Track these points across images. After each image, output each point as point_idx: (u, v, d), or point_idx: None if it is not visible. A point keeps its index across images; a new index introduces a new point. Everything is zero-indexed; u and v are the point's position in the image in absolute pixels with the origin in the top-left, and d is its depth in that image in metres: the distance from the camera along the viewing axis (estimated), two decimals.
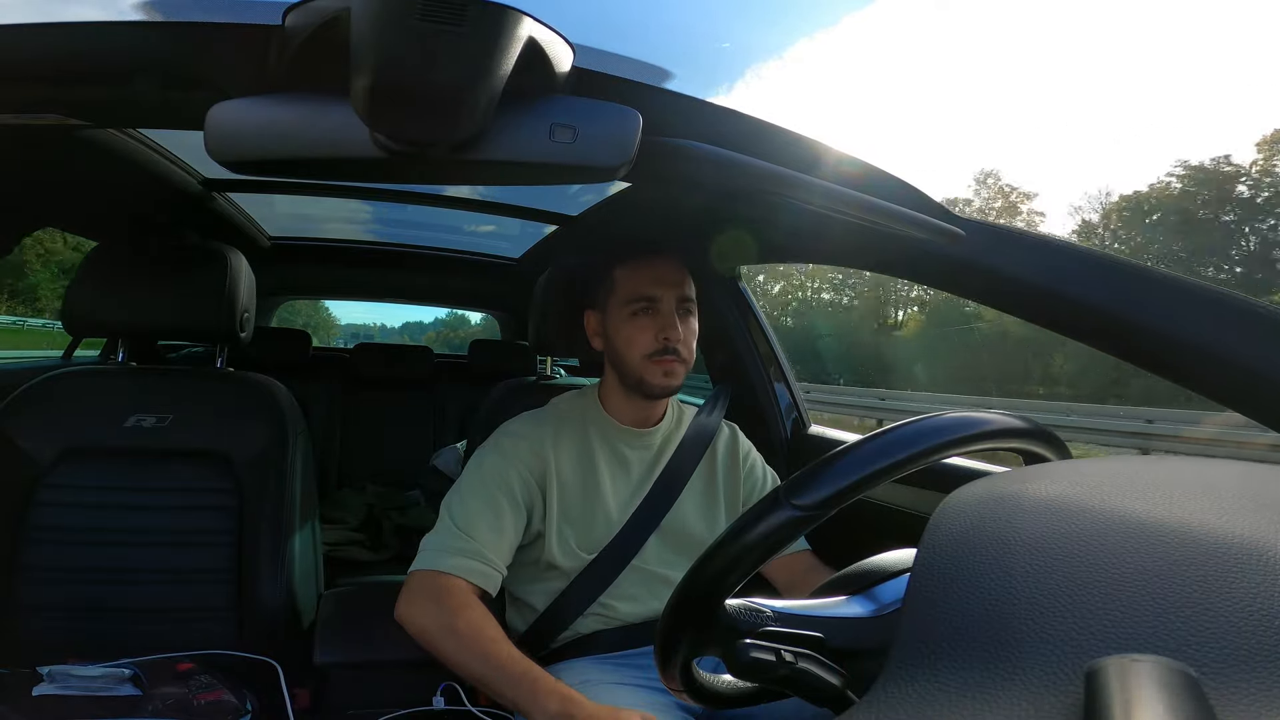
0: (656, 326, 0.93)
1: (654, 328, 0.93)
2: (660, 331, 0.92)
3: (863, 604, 0.47)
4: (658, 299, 0.93)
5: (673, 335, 0.92)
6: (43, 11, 0.59)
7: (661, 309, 0.93)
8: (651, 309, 0.93)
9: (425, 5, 0.46)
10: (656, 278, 0.94)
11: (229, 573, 1.03)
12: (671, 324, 0.92)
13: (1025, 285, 0.69)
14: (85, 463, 1.02)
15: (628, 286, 0.95)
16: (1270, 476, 0.31)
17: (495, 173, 0.65)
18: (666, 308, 0.93)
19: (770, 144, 0.69)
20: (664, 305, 0.93)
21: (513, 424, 0.98)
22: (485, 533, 0.87)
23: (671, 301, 0.94)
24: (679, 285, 0.95)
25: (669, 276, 0.95)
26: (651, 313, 0.93)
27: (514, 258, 2.18)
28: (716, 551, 0.45)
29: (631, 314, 0.94)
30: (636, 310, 0.94)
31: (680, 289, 0.95)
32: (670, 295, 0.94)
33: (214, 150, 0.56)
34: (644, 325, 0.93)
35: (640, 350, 0.93)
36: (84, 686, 0.82)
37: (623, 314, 0.95)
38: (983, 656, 0.26)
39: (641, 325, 0.93)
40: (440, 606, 0.81)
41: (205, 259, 1.08)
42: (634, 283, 0.94)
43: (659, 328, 0.92)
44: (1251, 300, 0.55)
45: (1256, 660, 0.22)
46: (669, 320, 0.93)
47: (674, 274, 0.95)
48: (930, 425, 0.45)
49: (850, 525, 0.79)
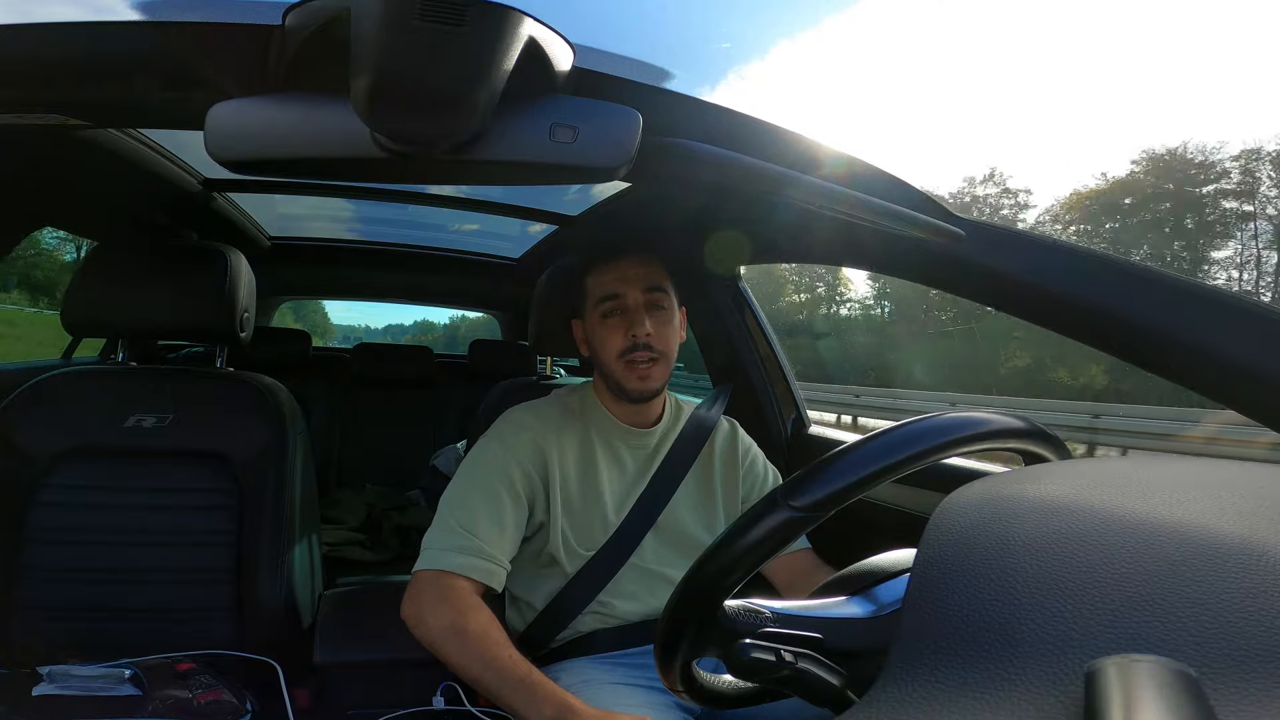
0: (625, 325, 0.93)
1: (623, 326, 0.94)
2: (628, 330, 0.93)
3: (862, 604, 0.47)
4: (622, 295, 0.94)
5: (639, 331, 0.92)
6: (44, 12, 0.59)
7: (628, 305, 0.94)
8: (619, 308, 0.94)
9: (425, 5, 0.46)
10: (620, 276, 0.95)
11: (229, 573, 1.03)
12: (639, 320, 0.93)
13: (1025, 285, 0.69)
14: (85, 463, 1.02)
15: (596, 290, 0.96)
16: (1270, 476, 0.31)
17: (495, 173, 0.65)
18: (633, 304, 0.94)
19: (770, 144, 0.69)
20: (629, 301, 0.94)
21: (514, 413, 0.98)
22: (487, 528, 0.87)
23: (638, 297, 0.94)
24: (644, 279, 0.95)
25: (632, 273, 0.95)
26: (620, 312, 0.94)
27: (514, 258, 2.18)
28: (716, 552, 0.45)
29: (602, 316, 0.95)
30: (606, 311, 0.95)
31: (645, 281, 0.95)
32: (634, 291, 0.94)
33: (214, 150, 0.56)
34: (614, 325, 0.94)
35: (613, 351, 0.94)
36: (84, 686, 0.82)
37: (595, 317, 0.96)
38: (983, 657, 0.26)
39: (612, 326, 0.94)
40: (445, 607, 0.81)
41: (205, 259, 1.08)
42: (600, 285, 0.96)
43: (627, 326, 0.93)
44: (1251, 300, 0.55)
45: (1256, 660, 0.22)
46: (636, 317, 0.93)
47: (638, 269, 0.96)
48: (929, 426, 0.45)
49: (850, 525, 0.79)
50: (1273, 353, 0.53)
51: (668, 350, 0.95)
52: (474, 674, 0.77)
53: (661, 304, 0.96)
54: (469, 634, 0.78)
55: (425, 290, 2.78)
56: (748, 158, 0.66)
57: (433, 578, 0.85)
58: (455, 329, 30.92)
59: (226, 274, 1.07)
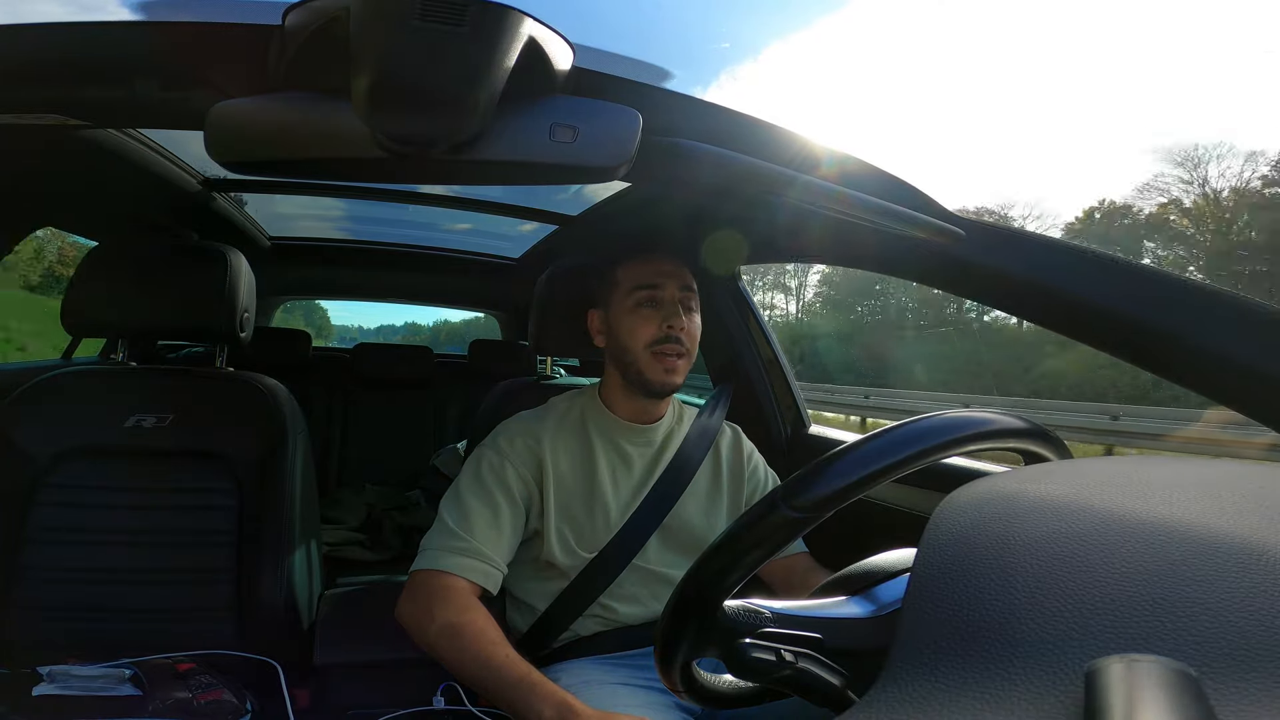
0: (660, 316, 0.94)
1: (657, 318, 0.94)
2: (664, 320, 0.94)
3: (862, 604, 0.47)
4: (660, 287, 0.95)
5: (675, 323, 0.94)
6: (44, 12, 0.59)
7: (664, 298, 0.95)
8: (654, 299, 0.95)
9: (425, 5, 0.46)
10: (658, 270, 0.96)
11: (229, 573, 1.03)
12: (675, 313, 0.94)
13: (1025, 285, 0.69)
14: (85, 463, 1.02)
15: (631, 279, 0.97)
16: (1270, 476, 0.31)
17: (495, 173, 0.65)
18: (669, 297, 0.95)
19: (770, 144, 0.69)
20: (666, 294, 0.95)
21: (510, 422, 0.99)
22: (483, 530, 0.88)
23: (674, 291, 0.96)
24: (680, 277, 0.97)
25: (670, 269, 0.97)
26: (655, 303, 0.95)
27: (514, 258, 2.18)
28: (715, 552, 0.45)
29: (635, 305, 0.96)
30: (640, 300, 0.96)
31: (682, 279, 0.97)
32: (672, 285, 0.96)
33: (214, 150, 0.56)
34: (647, 316, 0.95)
35: (644, 340, 0.94)
36: (84, 686, 0.82)
37: (626, 306, 0.96)
38: (983, 656, 0.26)
39: (645, 316, 0.95)
40: (441, 607, 0.81)
41: (205, 259, 1.08)
42: (637, 275, 0.97)
43: (662, 317, 0.94)
44: (1251, 300, 0.55)
45: (1256, 660, 0.22)
46: (672, 309, 0.95)
47: (675, 267, 0.98)
48: (929, 425, 0.45)
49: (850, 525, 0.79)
50: (1273, 353, 0.52)
51: (693, 350, 0.97)
52: (471, 674, 0.77)
53: (691, 305, 0.97)
54: (465, 634, 0.78)
55: (425, 290, 2.78)
56: (748, 157, 0.66)
57: (429, 578, 0.85)
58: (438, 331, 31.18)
59: (226, 274, 1.07)
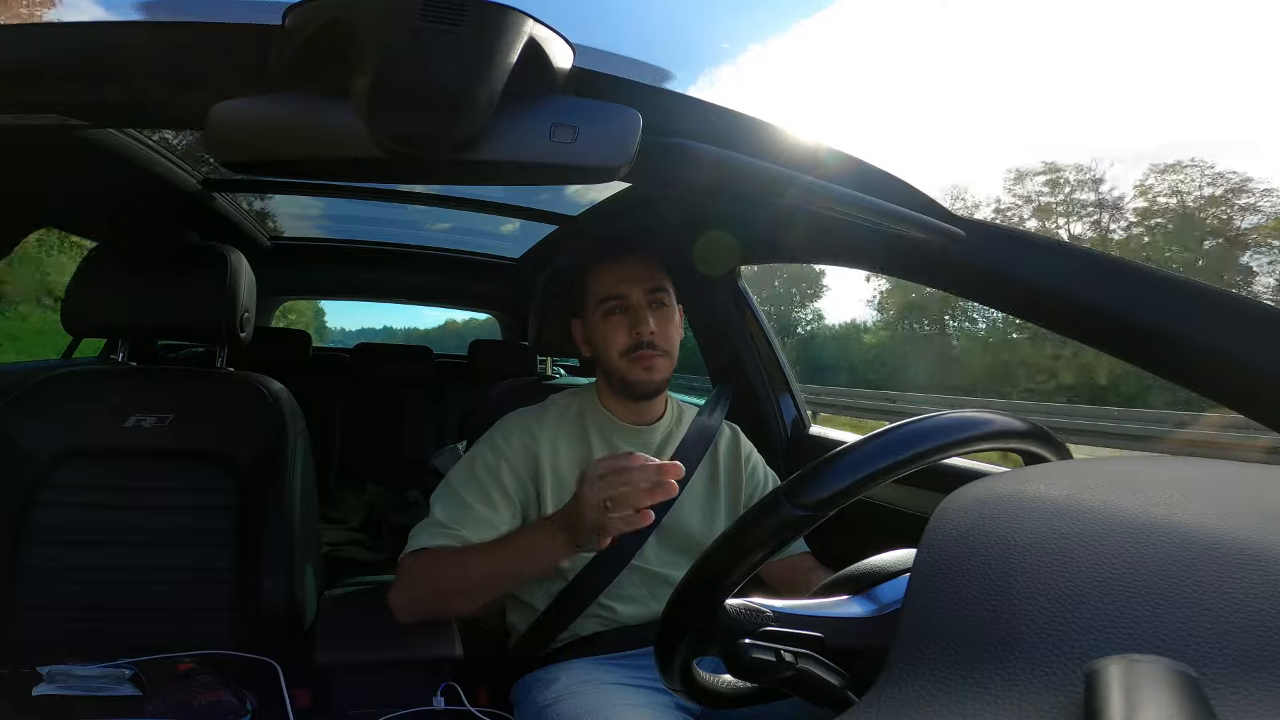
0: (629, 323, 0.94)
1: (625, 325, 0.95)
2: (633, 328, 0.94)
3: (863, 604, 0.47)
4: (626, 295, 0.95)
5: (643, 329, 0.94)
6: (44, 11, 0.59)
7: (631, 304, 0.95)
8: (622, 307, 0.95)
9: (425, 5, 0.46)
10: (623, 276, 0.96)
11: (229, 573, 1.03)
12: (642, 319, 0.94)
13: (1025, 285, 0.69)
14: (85, 463, 1.02)
15: (597, 289, 0.97)
16: (1270, 477, 0.31)
17: (495, 173, 0.65)
18: (636, 303, 0.95)
19: (770, 144, 0.69)
20: (633, 300, 0.95)
21: (507, 419, 0.99)
22: (473, 525, 0.88)
23: (640, 296, 0.95)
24: (646, 279, 0.96)
25: (634, 273, 0.96)
26: (623, 310, 0.95)
27: (514, 258, 2.18)
28: (717, 551, 0.45)
29: (605, 315, 0.96)
30: (608, 310, 0.96)
31: (648, 282, 0.96)
32: (637, 291, 0.95)
33: (214, 150, 0.56)
34: (617, 324, 0.95)
35: (617, 349, 0.95)
36: (84, 686, 0.82)
37: (597, 316, 0.97)
38: (983, 656, 0.26)
39: (615, 324, 0.95)
40: (423, 569, 0.86)
41: (205, 259, 1.08)
42: (603, 284, 0.97)
43: (631, 324, 0.94)
44: (1252, 300, 0.55)
45: (1256, 660, 0.22)
46: (639, 315, 0.94)
47: (639, 270, 0.97)
48: (930, 426, 0.45)
49: (850, 525, 0.79)
50: (1273, 353, 0.53)
51: (671, 348, 0.97)
52: (472, 580, 0.82)
53: (664, 302, 0.97)
54: (443, 560, 0.83)
55: (425, 290, 2.78)
56: (748, 158, 0.66)
57: (412, 559, 0.87)
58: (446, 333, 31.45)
59: (226, 274, 1.07)
